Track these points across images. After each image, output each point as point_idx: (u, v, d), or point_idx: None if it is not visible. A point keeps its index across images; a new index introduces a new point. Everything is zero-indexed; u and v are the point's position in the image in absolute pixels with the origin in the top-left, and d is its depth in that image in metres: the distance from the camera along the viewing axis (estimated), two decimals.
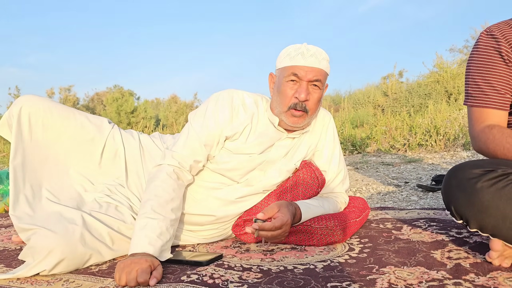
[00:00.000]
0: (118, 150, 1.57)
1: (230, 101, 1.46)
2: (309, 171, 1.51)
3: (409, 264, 1.17)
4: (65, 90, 19.06)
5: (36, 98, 1.50)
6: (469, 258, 1.19)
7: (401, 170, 3.26)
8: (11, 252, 1.50)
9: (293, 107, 1.40)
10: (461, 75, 9.31)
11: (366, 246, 1.38)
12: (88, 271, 1.25)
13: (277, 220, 1.31)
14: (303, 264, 1.23)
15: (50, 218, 1.31)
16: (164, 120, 14.31)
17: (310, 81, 1.39)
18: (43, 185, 1.44)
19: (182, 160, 1.41)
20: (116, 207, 1.46)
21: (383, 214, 1.84)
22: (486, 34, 1.32)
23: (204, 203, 1.47)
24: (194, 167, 1.44)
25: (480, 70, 1.31)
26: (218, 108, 1.45)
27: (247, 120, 1.45)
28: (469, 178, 1.13)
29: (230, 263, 1.27)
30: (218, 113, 1.44)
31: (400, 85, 11.16)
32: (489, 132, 1.26)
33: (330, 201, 1.53)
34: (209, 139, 1.44)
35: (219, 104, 1.46)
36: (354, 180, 2.99)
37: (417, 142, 4.46)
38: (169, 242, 1.27)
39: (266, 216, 1.31)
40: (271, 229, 1.29)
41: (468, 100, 1.34)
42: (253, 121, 1.46)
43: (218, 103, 1.46)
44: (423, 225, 1.60)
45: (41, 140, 1.47)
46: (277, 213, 1.33)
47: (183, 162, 1.41)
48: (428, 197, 2.26)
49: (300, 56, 1.39)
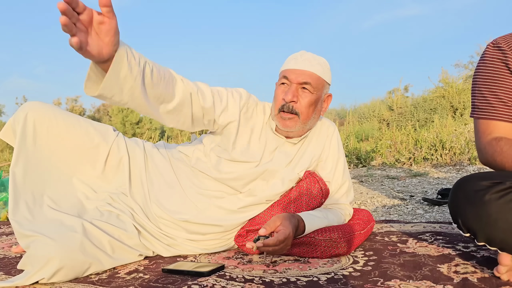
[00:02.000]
0: (123, 158, 1.57)
1: (248, 97, 1.51)
2: (312, 181, 1.49)
3: (415, 278, 1.14)
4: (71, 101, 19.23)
5: (42, 104, 1.50)
6: (477, 272, 1.17)
7: (406, 184, 3.23)
8: (11, 260, 1.49)
9: (282, 110, 1.41)
10: (467, 90, 9.30)
11: (371, 259, 1.35)
12: (88, 280, 1.23)
13: (279, 234, 1.29)
14: (306, 276, 1.20)
15: (50, 225, 1.30)
16: (169, 132, 14.33)
17: (299, 83, 1.41)
18: (45, 192, 1.43)
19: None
20: (118, 215, 1.44)
21: (388, 227, 1.82)
22: (493, 46, 1.31)
23: (207, 213, 1.46)
24: (194, 90, 1.36)
25: (486, 82, 1.30)
26: (235, 93, 1.49)
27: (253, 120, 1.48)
28: (477, 190, 1.11)
29: (232, 274, 1.25)
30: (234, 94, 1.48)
31: (406, 100, 11.15)
32: (496, 144, 1.24)
33: (334, 213, 1.51)
34: (216, 95, 1.43)
35: (237, 91, 1.51)
36: (359, 193, 2.96)
37: (423, 156, 4.43)
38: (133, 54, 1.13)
39: (268, 231, 1.30)
40: (275, 244, 1.28)
41: (475, 112, 1.33)
42: (257, 124, 1.48)
43: (237, 90, 1.51)
44: (429, 238, 1.57)
45: (45, 147, 1.47)
46: (279, 227, 1.31)
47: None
48: (434, 210, 2.23)
49: (293, 61, 1.42)
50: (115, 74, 1.07)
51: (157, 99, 1.24)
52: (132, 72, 1.12)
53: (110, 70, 1.06)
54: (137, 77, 1.14)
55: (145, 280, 1.21)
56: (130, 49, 1.11)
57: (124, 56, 1.07)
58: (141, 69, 1.15)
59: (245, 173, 1.45)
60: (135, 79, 1.13)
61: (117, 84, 1.10)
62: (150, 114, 1.27)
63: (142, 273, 1.28)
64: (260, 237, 1.28)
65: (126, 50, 1.08)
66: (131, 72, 1.11)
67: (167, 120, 1.32)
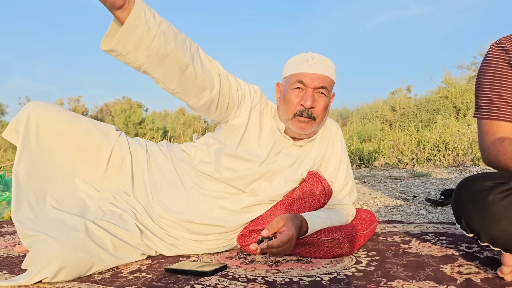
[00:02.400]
0: (125, 158, 1.57)
1: (261, 94, 1.50)
2: (315, 181, 1.49)
3: (418, 278, 1.14)
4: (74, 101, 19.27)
5: (45, 104, 1.50)
6: (480, 273, 1.16)
7: (409, 184, 3.23)
8: (15, 259, 1.49)
9: (299, 114, 1.40)
10: (470, 91, 9.26)
11: (374, 259, 1.35)
12: (91, 279, 1.23)
13: (283, 235, 1.28)
14: (309, 276, 1.20)
15: (52, 225, 1.30)
16: (171, 132, 14.38)
17: (315, 88, 1.39)
18: (48, 192, 1.43)
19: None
20: (120, 215, 1.44)
21: (391, 227, 1.81)
22: (497, 46, 1.31)
23: (209, 213, 1.46)
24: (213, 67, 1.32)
25: (490, 82, 1.29)
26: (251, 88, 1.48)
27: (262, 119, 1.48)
28: (481, 190, 1.10)
29: (234, 274, 1.25)
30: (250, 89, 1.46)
31: (408, 100, 11.12)
32: (500, 144, 1.24)
33: (337, 213, 1.51)
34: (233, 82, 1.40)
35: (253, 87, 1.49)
36: (362, 194, 2.96)
37: (426, 156, 4.42)
38: (153, 14, 1.14)
39: (271, 232, 1.29)
40: (279, 246, 1.27)
41: (478, 112, 1.32)
42: (266, 124, 1.48)
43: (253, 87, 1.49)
44: (432, 239, 1.56)
45: (47, 146, 1.47)
46: (282, 227, 1.30)
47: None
48: (437, 211, 2.23)
49: (305, 64, 1.40)
50: (131, 29, 1.08)
51: (179, 67, 1.21)
52: (150, 31, 1.11)
53: (126, 23, 1.07)
54: (156, 39, 1.13)
55: (148, 280, 1.22)
56: (150, 9, 1.11)
57: (142, 12, 1.08)
58: (162, 32, 1.14)
59: (248, 173, 1.45)
60: (153, 40, 1.12)
61: (133, 40, 1.10)
62: (166, 83, 1.24)
63: (145, 273, 1.28)
64: (264, 238, 1.28)
65: (144, 8, 1.09)
66: (149, 31, 1.11)
67: (186, 95, 1.29)
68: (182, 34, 1.22)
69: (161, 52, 1.16)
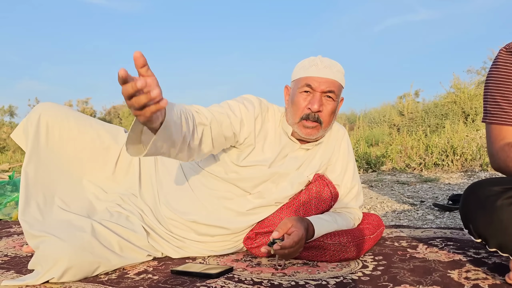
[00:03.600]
0: (133, 159, 1.58)
1: (259, 102, 1.46)
2: (322, 184, 1.48)
3: (424, 283, 1.13)
4: (82, 103, 19.41)
5: (54, 106, 1.52)
6: (488, 279, 1.15)
7: (416, 189, 3.21)
8: (22, 259, 1.51)
9: (305, 118, 1.39)
10: (479, 96, 9.18)
11: (380, 263, 1.34)
12: (97, 280, 1.24)
13: (293, 235, 1.28)
14: (315, 280, 1.20)
15: (59, 225, 1.31)
16: None
17: (323, 92, 1.39)
18: (56, 193, 1.45)
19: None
20: (127, 217, 1.45)
21: (398, 232, 1.80)
22: (506, 51, 1.30)
23: (216, 214, 1.46)
24: (213, 119, 1.28)
25: (499, 86, 1.28)
26: (246, 103, 1.43)
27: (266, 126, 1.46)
28: (489, 195, 1.09)
29: (240, 277, 1.25)
30: (246, 105, 1.42)
31: (417, 105, 11.05)
32: (509, 150, 1.22)
33: (344, 217, 1.50)
34: (232, 117, 1.36)
35: (247, 100, 1.45)
36: (369, 198, 2.95)
37: (433, 161, 4.39)
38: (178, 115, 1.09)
39: (280, 233, 1.29)
40: (291, 246, 1.27)
41: (487, 117, 1.31)
42: (270, 130, 1.47)
43: (246, 99, 1.45)
44: (439, 244, 1.55)
45: (56, 148, 1.48)
46: (291, 228, 1.30)
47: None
48: (445, 216, 2.21)
49: (314, 67, 1.39)
50: (166, 135, 1.02)
51: (184, 140, 1.14)
52: (182, 132, 1.08)
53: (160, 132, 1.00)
54: (184, 137, 1.11)
55: (154, 281, 1.22)
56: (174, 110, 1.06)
57: (171, 120, 1.03)
58: (190, 130, 1.12)
59: (255, 175, 1.44)
60: (184, 139, 1.10)
61: (167, 142, 1.06)
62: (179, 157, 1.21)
63: (151, 274, 1.29)
64: (275, 240, 1.27)
65: (171, 114, 1.03)
66: (181, 132, 1.08)
67: (192, 157, 1.26)
68: (184, 110, 1.14)
69: (172, 155, 1.15)
